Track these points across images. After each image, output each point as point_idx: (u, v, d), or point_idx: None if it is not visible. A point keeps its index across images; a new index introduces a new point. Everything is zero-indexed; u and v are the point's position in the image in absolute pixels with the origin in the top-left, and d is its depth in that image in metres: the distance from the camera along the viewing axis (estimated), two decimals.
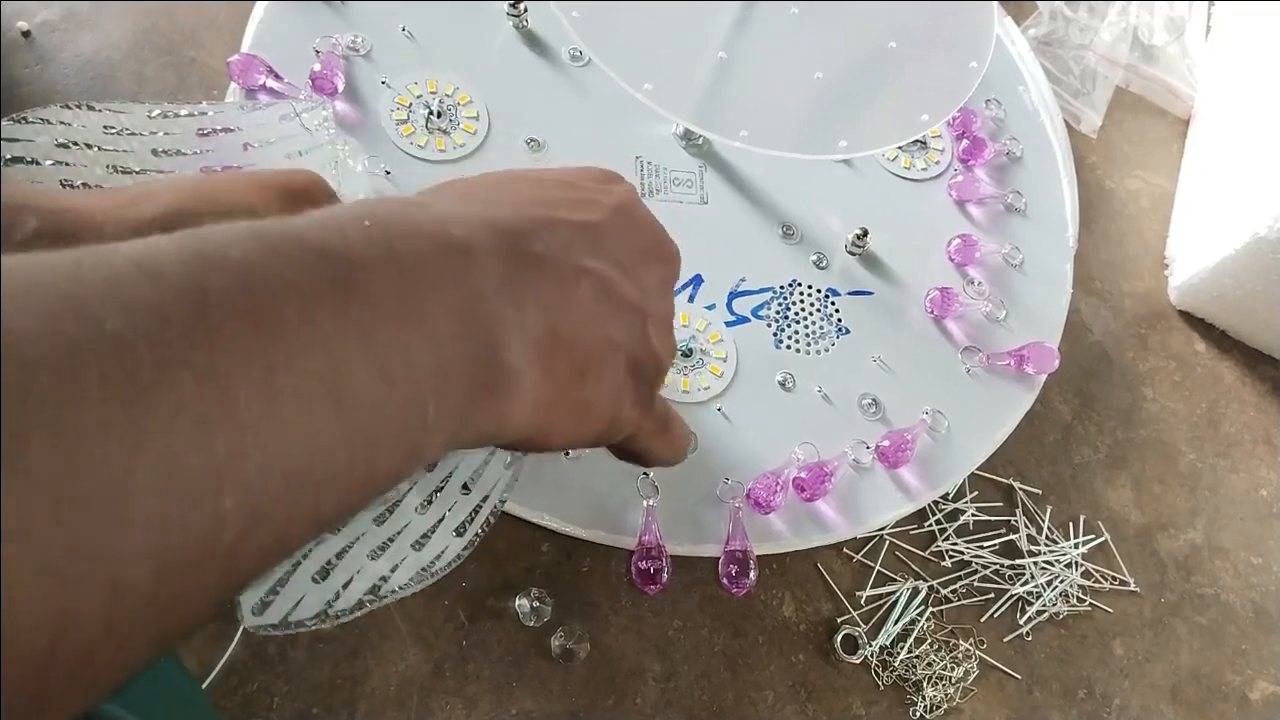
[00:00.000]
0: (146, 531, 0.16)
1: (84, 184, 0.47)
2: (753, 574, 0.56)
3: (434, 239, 0.24)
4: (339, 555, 0.45)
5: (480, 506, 0.50)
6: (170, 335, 0.17)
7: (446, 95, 0.66)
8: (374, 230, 0.23)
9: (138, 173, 0.49)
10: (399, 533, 0.48)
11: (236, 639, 0.56)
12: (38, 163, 0.45)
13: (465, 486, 0.51)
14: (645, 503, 0.57)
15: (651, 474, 0.58)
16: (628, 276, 0.30)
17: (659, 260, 0.33)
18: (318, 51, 0.64)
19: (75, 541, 0.15)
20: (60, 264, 0.17)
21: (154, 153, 0.50)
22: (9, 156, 0.43)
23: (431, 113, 0.65)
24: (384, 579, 0.46)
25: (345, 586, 0.45)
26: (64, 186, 0.46)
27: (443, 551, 0.48)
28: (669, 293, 0.34)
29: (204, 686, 0.54)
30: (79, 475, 0.15)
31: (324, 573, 0.45)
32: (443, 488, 0.50)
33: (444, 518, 0.49)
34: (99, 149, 0.48)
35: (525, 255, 0.27)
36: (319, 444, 0.20)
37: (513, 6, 0.69)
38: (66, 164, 0.46)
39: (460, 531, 0.49)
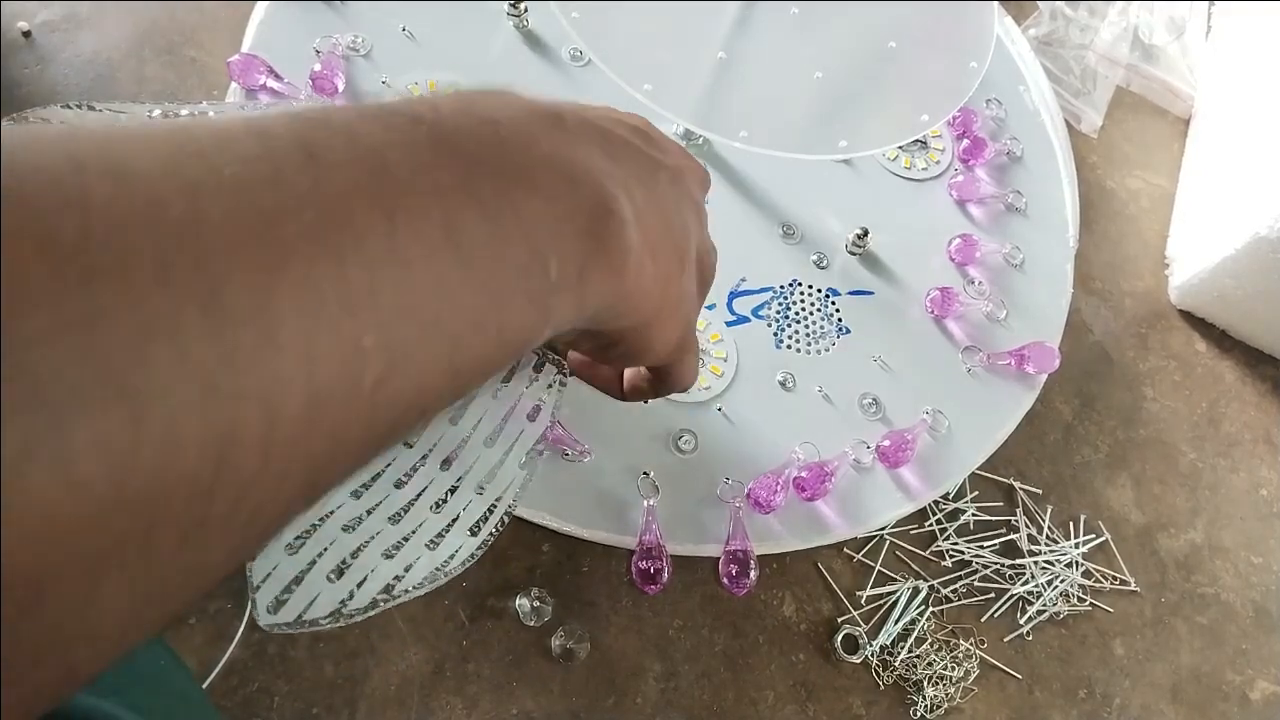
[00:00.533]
0: (294, 357, 0.17)
1: None
2: (753, 574, 0.56)
3: (524, 107, 0.25)
4: (354, 554, 0.46)
5: (494, 506, 0.51)
6: (285, 177, 0.18)
7: None
8: (462, 101, 0.24)
9: None
10: (413, 532, 0.48)
11: (237, 639, 0.56)
12: None
13: (480, 487, 0.51)
14: (645, 502, 0.57)
15: (652, 474, 0.58)
16: (680, 169, 0.31)
17: (691, 160, 0.34)
18: (318, 51, 0.64)
19: (231, 357, 0.16)
20: (173, 124, 0.18)
21: None
22: None
23: None
24: (398, 578, 0.47)
25: (359, 586, 0.45)
26: None
27: (456, 551, 0.48)
28: (703, 195, 0.35)
29: (204, 686, 0.54)
30: (223, 295, 0.16)
31: (339, 571, 0.45)
32: (456, 488, 0.50)
33: (458, 517, 0.49)
34: None
35: (609, 135, 0.27)
36: (446, 290, 0.20)
37: (513, 6, 0.69)
38: None
39: (474, 531, 0.49)
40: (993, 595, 0.70)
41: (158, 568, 0.16)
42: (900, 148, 0.76)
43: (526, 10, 0.69)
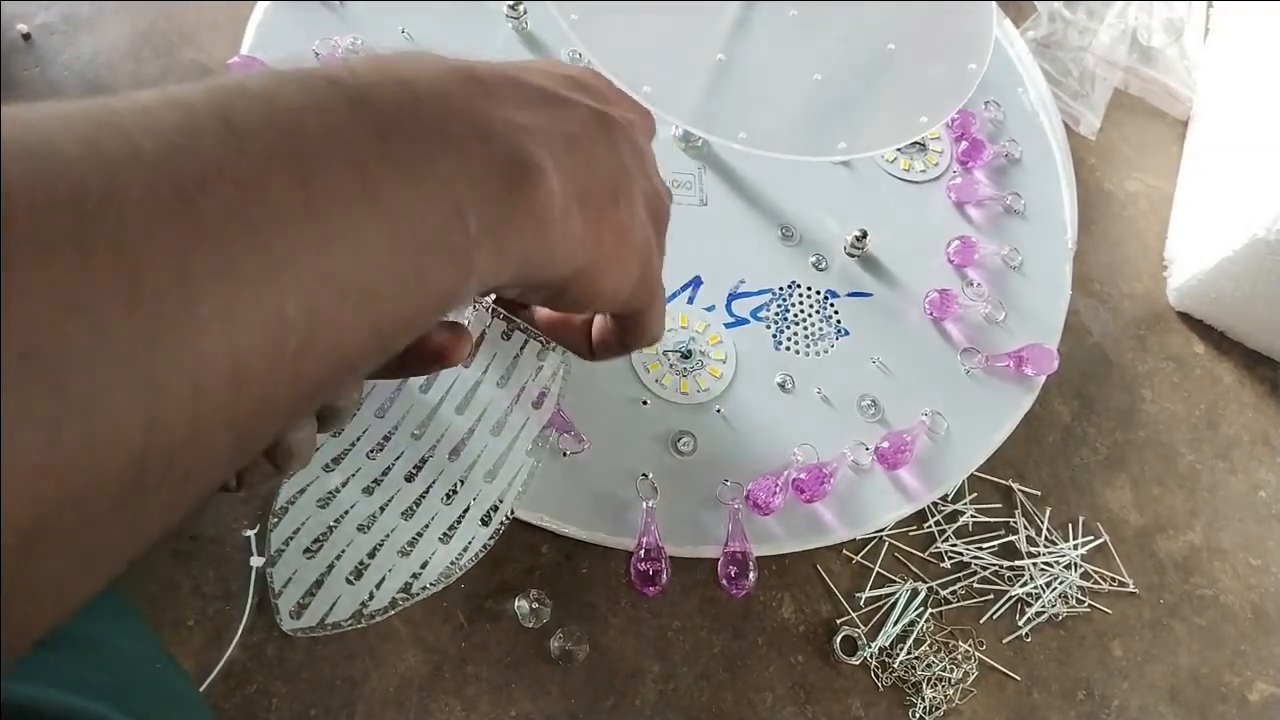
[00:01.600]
0: (216, 329, 0.17)
1: None
2: (752, 575, 0.56)
3: (439, 66, 0.25)
4: (370, 555, 0.46)
5: (504, 495, 0.51)
6: (203, 149, 0.18)
7: None
8: (378, 62, 0.24)
9: None
10: (426, 526, 0.48)
11: (235, 641, 0.56)
12: None
13: (489, 476, 0.52)
14: (644, 504, 0.57)
15: (651, 475, 0.58)
16: (616, 111, 0.31)
17: (633, 102, 0.34)
18: (317, 53, 0.64)
19: (152, 332, 0.16)
20: (94, 102, 0.18)
21: None
22: None
23: None
24: (415, 575, 0.47)
25: (378, 586, 0.45)
26: None
27: (469, 543, 0.48)
28: (650, 135, 0.35)
29: (202, 688, 0.54)
30: (143, 272, 0.16)
31: (357, 573, 0.45)
32: (466, 478, 0.50)
33: (469, 507, 0.50)
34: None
35: (527, 87, 0.28)
36: (365, 252, 0.20)
37: (512, 8, 0.69)
38: None
39: (485, 521, 0.49)
40: (991, 597, 0.70)
41: (92, 533, 0.17)
42: (899, 150, 0.76)
43: (526, 12, 0.69)
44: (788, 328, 0.66)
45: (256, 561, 0.57)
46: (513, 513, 0.50)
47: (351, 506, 0.47)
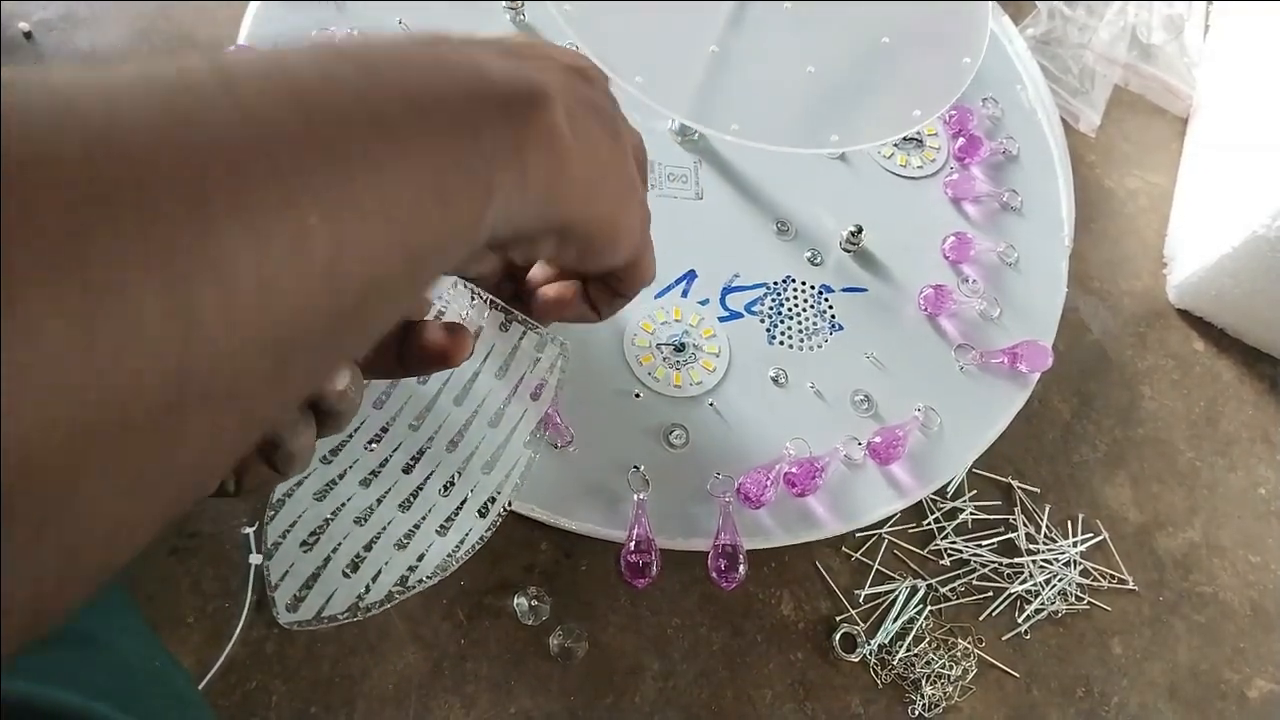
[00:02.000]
0: (240, 241, 0.18)
1: None
2: (742, 568, 0.56)
3: (405, 34, 0.27)
4: (367, 548, 0.46)
5: (501, 486, 0.51)
6: (204, 97, 0.19)
7: None
8: (343, 42, 0.24)
9: None
10: (423, 518, 0.49)
11: (235, 638, 0.56)
12: None
13: (486, 467, 0.52)
14: (635, 496, 0.57)
15: (642, 467, 0.58)
16: (586, 69, 0.32)
17: (589, 63, 0.35)
18: None
19: (176, 241, 0.17)
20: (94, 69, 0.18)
21: None
22: None
23: None
24: (411, 569, 0.47)
25: (375, 579, 0.45)
26: None
27: (466, 535, 0.48)
28: (610, 92, 0.36)
29: (202, 686, 0.54)
30: (159, 197, 0.17)
31: (354, 566, 0.45)
32: (463, 469, 0.50)
33: (466, 499, 0.50)
34: None
35: (500, 42, 0.29)
36: (384, 177, 0.21)
37: (509, 1, 0.70)
38: None
39: (483, 512, 0.50)
40: (991, 594, 0.70)
41: (135, 452, 0.17)
42: (896, 145, 0.76)
43: (523, 4, 0.70)
44: (782, 322, 0.66)
45: (255, 559, 0.57)
46: (510, 504, 0.50)
47: (349, 499, 0.47)
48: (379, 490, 0.48)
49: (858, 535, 0.69)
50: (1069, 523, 0.75)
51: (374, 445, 0.49)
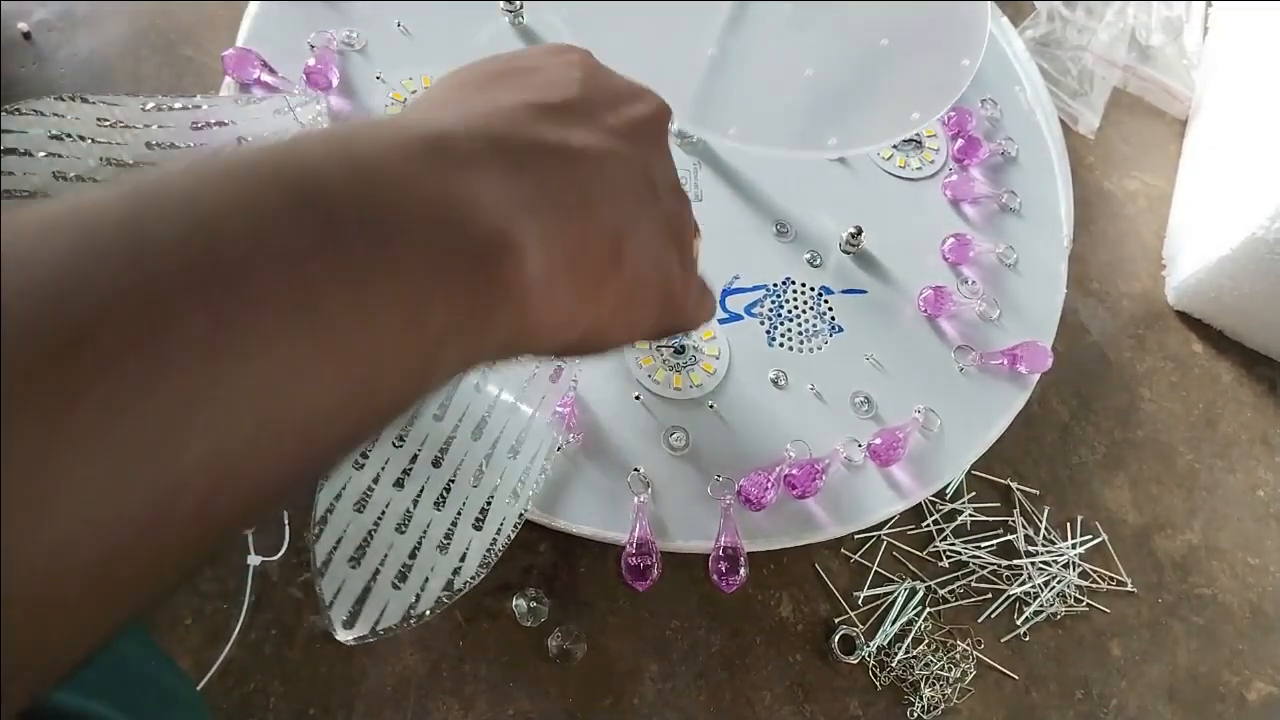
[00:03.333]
0: (92, 498, 0.15)
1: (76, 176, 0.47)
2: (743, 570, 0.56)
3: (403, 138, 0.22)
4: (411, 555, 0.46)
5: (529, 470, 0.51)
6: (98, 281, 0.16)
7: None
8: (334, 142, 0.21)
9: (131, 165, 0.50)
10: (459, 513, 0.49)
11: (233, 639, 0.56)
12: (31, 154, 0.45)
13: (513, 451, 0.52)
14: (636, 499, 0.57)
15: (642, 469, 0.58)
16: (619, 137, 0.28)
17: (640, 102, 0.31)
18: (312, 46, 0.64)
19: (12, 505, 0.15)
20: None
21: (148, 145, 0.51)
22: (3, 148, 0.44)
23: None
24: (456, 571, 0.47)
25: (423, 587, 0.46)
26: (56, 179, 0.46)
27: (501, 524, 0.49)
28: (661, 135, 0.32)
29: (200, 687, 0.54)
30: (9, 442, 0.15)
31: (402, 576, 0.46)
32: (490, 455, 0.50)
33: (497, 486, 0.50)
34: (93, 141, 0.48)
35: (508, 138, 0.25)
36: (296, 374, 0.18)
37: (508, 2, 0.69)
38: (60, 155, 0.46)
39: (516, 494, 0.50)
40: (990, 596, 0.70)
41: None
42: (895, 147, 0.76)
43: (522, 7, 0.70)
44: (782, 324, 0.66)
45: (254, 560, 0.57)
46: (539, 485, 0.50)
47: (387, 505, 0.47)
48: (413, 490, 0.48)
49: (856, 537, 0.69)
50: (1068, 524, 0.75)
51: (401, 442, 0.49)
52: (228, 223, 0.18)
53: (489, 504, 0.49)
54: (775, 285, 0.67)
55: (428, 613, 0.45)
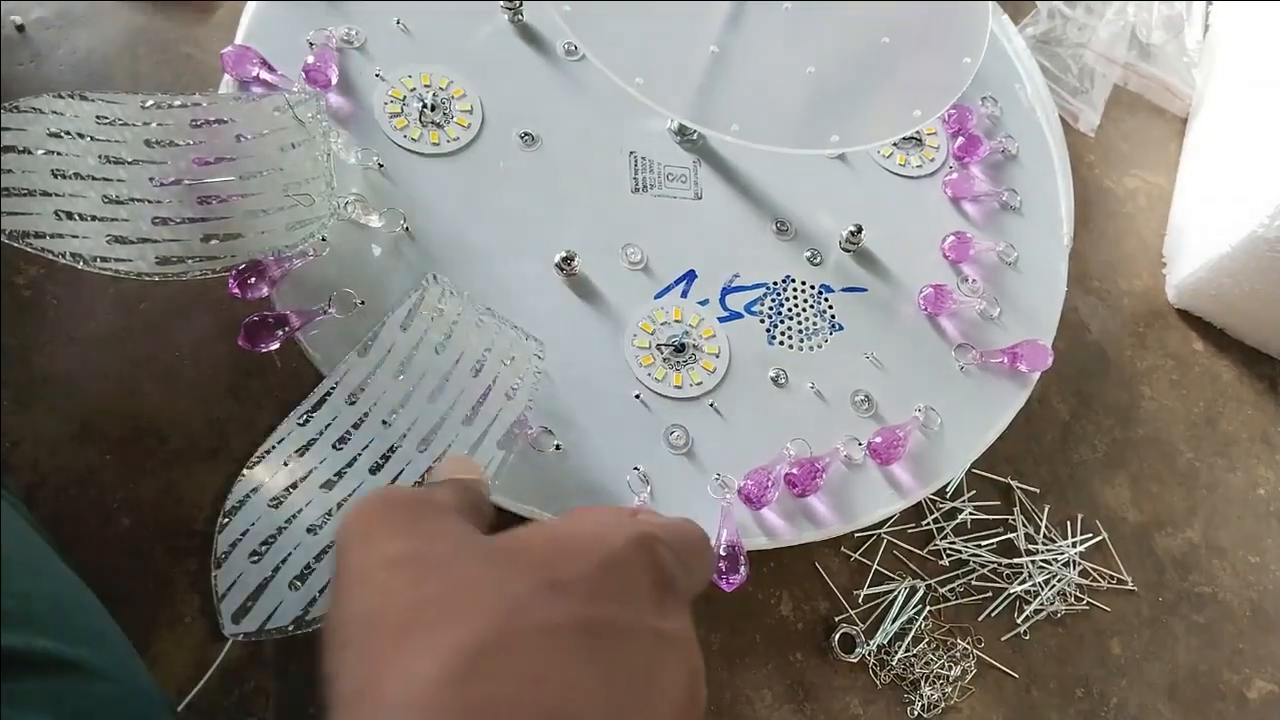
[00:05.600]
0: None
1: (75, 174, 0.47)
2: (743, 569, 0.55)
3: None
4: (317, 558, 0.45)
5: (482, 441, 0.50)
6: None
7: (441, 89, 0.66)
8: None
9: (130, 163, 0.49)
10: None
11: (232, 639, 0.56)
12: (30, 151, 0.45)
13: (466, 419, 0.51)
14: (636, 498, 0.57)
15: (642, 468, 0.58)
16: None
17: (689, 561, 0.32)
18: (311, 44, 0.64)
19: None
20: None
21: (147, 143, 0.50)
22: (2, 145, 0.43)
23: (425, 106, 0.65)
24: None
25: (321, 592, 0.44)
26: (55, 176, 0.46)
27: None
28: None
29: (199, 686, 0.54)
30: None
31: (302, 578, 0.44)
32: (441, 424, 0.49)
33: (441, 457, 0.49)
34: (91, 139, 0.48)
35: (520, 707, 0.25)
36: None
37: (508, 1, 0.69)
38: (59, 153, 0.46)
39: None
40: (990, 594, 0.70)
41: None
42: (895, 145, 0.76)
43: (522, 4, 0.69)
44: (782, 322, 0.66)
45: None
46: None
47: (306, 505, 0.45)
48: (341, 494, 0.46)
49: (857, 535, 0.69)
50: (1068, 523, 0.75)
51: (342, 445, 0.48)
52: None
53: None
54: (775, 283, 0.67)
55: (322, 620, 0.44)
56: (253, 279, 0.54)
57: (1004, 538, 0.72)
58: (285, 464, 0.46)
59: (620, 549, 0.30)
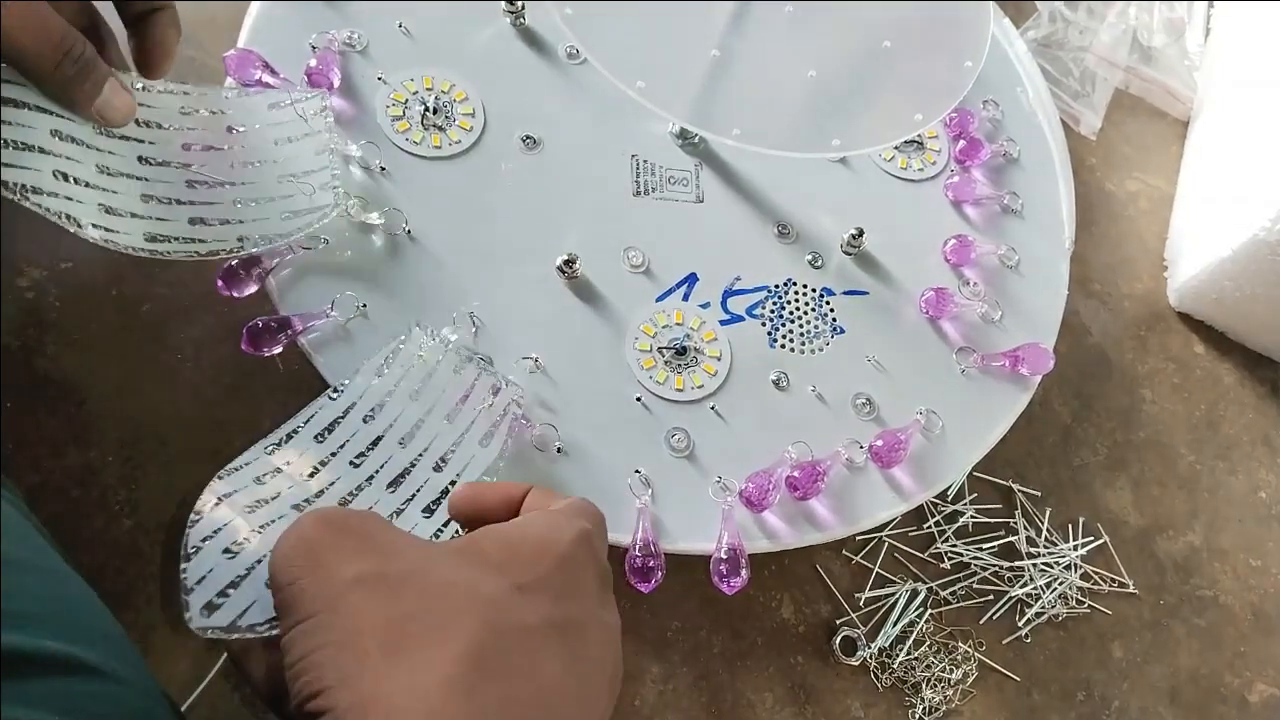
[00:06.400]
0: None
1: (72, 138, 0.47)
2: (744, 572, 0.55)
3: None
4: None
5: (451, 487, 0.50)
6: None
7: (443, 92, 0.66)
8: None
9: (120, 138, 0.50)
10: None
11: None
12: (30, 108, 0.45)
13: (438, 465, 0.51)
14: (637, 501, 0.57)
15: (643, 471, 0.58)
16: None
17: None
18: (314, 47, 0.64)
19: None
20: None
21: (136, 122, 0.51)
22: (6, 97, 0.43)
23: (427, 109, 0.65)
24: None
25: None
26: (53, 136, 0.46)
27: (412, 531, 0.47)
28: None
29: (201, 688, 0.54)
30: None
31: None
32: (411, 469, 0.49)
33: (413, 497, 0.48)
34: (67, 107, 0.48)
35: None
36: None
37: (509, 4, 0.69)
38: (59, 115, 0.46)
39: (429, 511, 0.48)
40: (991, 597, 0.70)
41: None
42: (896, 148, 0.76)
43: (523, 7, 0.70)
44: (783, 325, 0.66)
45: None
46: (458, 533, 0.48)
47: (279, 518, 0.44)
48: (322, 483, 0.46)
49: (858, 538, 0.69)
50: (1069, 526, 0.75)
51: (312, 477, 0.47)
52: None
53: (397, 515, 0.48)
54: (777, 286, 0.67)
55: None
56: (239, 278, 0.54)
57: (1005, 541, 0.72)
58: (256, 481, 0.45)
59: (569, 549, 0.33)
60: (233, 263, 0.54)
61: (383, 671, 0.25)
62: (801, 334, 0.66)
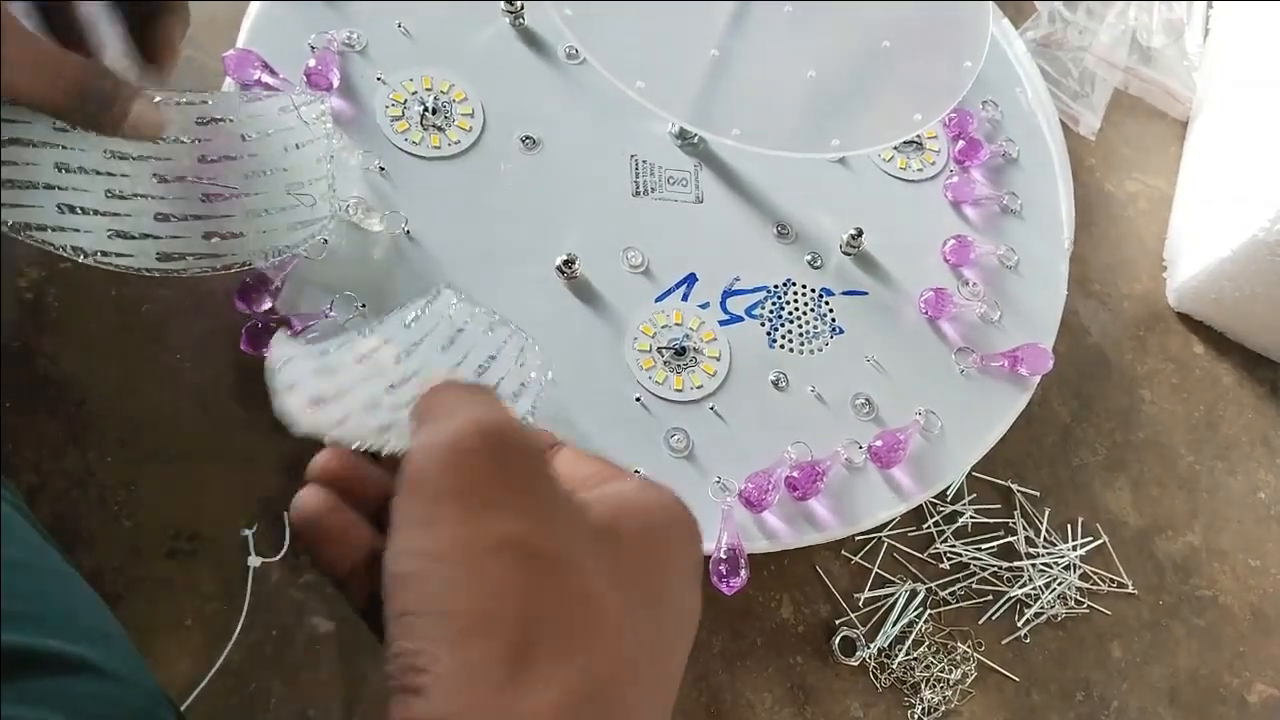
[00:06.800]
0: None
1: (80, 168, 0.47)
2: (743, 572, 0.55)
3: None
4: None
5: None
6: None
7: (442, 92, 0.66)
8: None
9: (135, 158, 0.49)
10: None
11: (233, 641, 0.56)
12: (34, 145, 0.45)
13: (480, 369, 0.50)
14: None
15: (643, 471, 0.58)
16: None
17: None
18: (313, 47, 0.64)
19: None
20: None
21: (154, 141, 0.50)
22: (7, 138, 0.43)
23: (427, 109, 0.65)
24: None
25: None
26: (59, 170, 0.46)
27: None
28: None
29: (200, 688, 0.54)
30: None
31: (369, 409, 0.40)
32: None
33: None
34: (96, 133, 0.48)
35: None
36: None
37: (509, 4, 0.69)
38: (64, 147, 0.46)
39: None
40: (990, 598, 0.70)
41: None
42: (895, 148, 0.76)
43: (523, 8, 0.70)
44: (782, 325, 0.66)
45: (254, 561, 0.57)
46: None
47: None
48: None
49: (857, 539, 0.69)
50: (1068, 526, 0.75)
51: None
52: None
53: None
54: (776, 287, 0.67)
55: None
56: (256, 293, 0.54)
57: (1004, 541, 0.72)
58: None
59: (691, 546, 0.31)
60: (248, 279, 0.54)
61: (495, 681, 0.23)
62: (801, 334, 0.66)
